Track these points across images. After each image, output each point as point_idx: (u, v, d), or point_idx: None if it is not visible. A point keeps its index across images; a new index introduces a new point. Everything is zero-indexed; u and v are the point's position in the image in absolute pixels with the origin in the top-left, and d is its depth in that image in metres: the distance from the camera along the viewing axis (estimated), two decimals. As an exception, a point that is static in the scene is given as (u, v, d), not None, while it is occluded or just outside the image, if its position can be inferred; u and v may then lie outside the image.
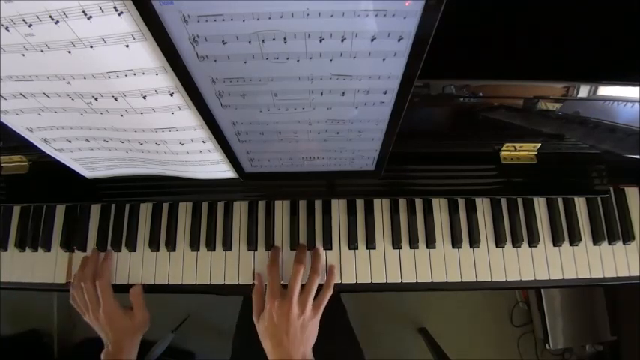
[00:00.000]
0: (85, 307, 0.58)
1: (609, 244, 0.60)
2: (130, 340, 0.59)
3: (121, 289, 0.60)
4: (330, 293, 0.56)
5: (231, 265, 0.60)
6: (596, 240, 0.60)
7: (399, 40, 0.28)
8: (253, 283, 0.59)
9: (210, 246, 0.61)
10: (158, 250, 0.62)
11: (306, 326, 0.53)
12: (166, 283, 0.60)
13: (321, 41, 0.28)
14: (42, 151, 0.46)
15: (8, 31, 0.28)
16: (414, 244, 0.60)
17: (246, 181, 0.50)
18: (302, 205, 0.62)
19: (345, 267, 0.60)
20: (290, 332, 0.51)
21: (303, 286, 0.55)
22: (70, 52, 0.30)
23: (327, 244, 0.60)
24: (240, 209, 0.62)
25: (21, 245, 0.64)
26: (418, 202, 0.62)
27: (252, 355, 0.72)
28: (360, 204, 0.62)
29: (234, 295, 0.69)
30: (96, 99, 0.36)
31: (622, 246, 0.60)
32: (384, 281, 0.59)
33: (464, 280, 0.59)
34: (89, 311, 0.58)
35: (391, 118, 0.38)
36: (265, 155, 0.45)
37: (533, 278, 0.59)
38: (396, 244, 0.60)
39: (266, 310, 0.53)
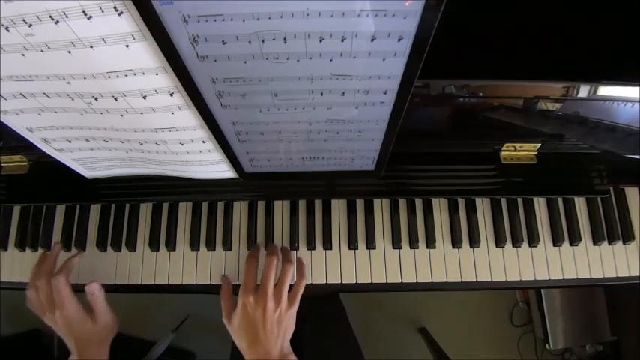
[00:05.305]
0: (41, 309, 0.54)
1: (609, 244, 0.60)
2: (95, 348, 0.53)
3: (120, 289, 0.60)
4: (304, 282, 0.54)
5: (232, 265, 0.60)
6: (596, 240, 0.60)
7: (399, 40, 0.28)
8: (215, 285, 0.57)
9: (210, 246, 0.61)
10: (158, 250, 0.62)
11: (282, 320, 0.51)
12: (166, 283, 0.60)
13: (321, 41, 0.28)
14: (42, 151, 0.46)
15: (8, 31, 0.28)
16: (414, 244, 0.60)
17: (246, 181, 0.50)
18: (302, 205, 0.62)
19: (345, 267, 0.59)
20: (267, 327, 0.49)
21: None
22: (70, 52, 0.30)
23: (327, 244, 0.60)
24: (240, 209, 0.62)
25: (21, 245, 0.64)
26: (418, 202, 0.62)
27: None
28: (360, 204, 0.62)
29: (234, 295, 0.69)
30: (96, 99, 0.36)
31: (622, 246, 0.60)
32: (384, 281, 0.59)
33: (464, 280, 0.59)
34: (45, 314, 0.53)
35: (391, 118, 0.38)
36: (265, 155, 0.45)
37: (533, 278, 0.59)
38: (396, 244, 0.60)
39: (239, 306, 0.51)
